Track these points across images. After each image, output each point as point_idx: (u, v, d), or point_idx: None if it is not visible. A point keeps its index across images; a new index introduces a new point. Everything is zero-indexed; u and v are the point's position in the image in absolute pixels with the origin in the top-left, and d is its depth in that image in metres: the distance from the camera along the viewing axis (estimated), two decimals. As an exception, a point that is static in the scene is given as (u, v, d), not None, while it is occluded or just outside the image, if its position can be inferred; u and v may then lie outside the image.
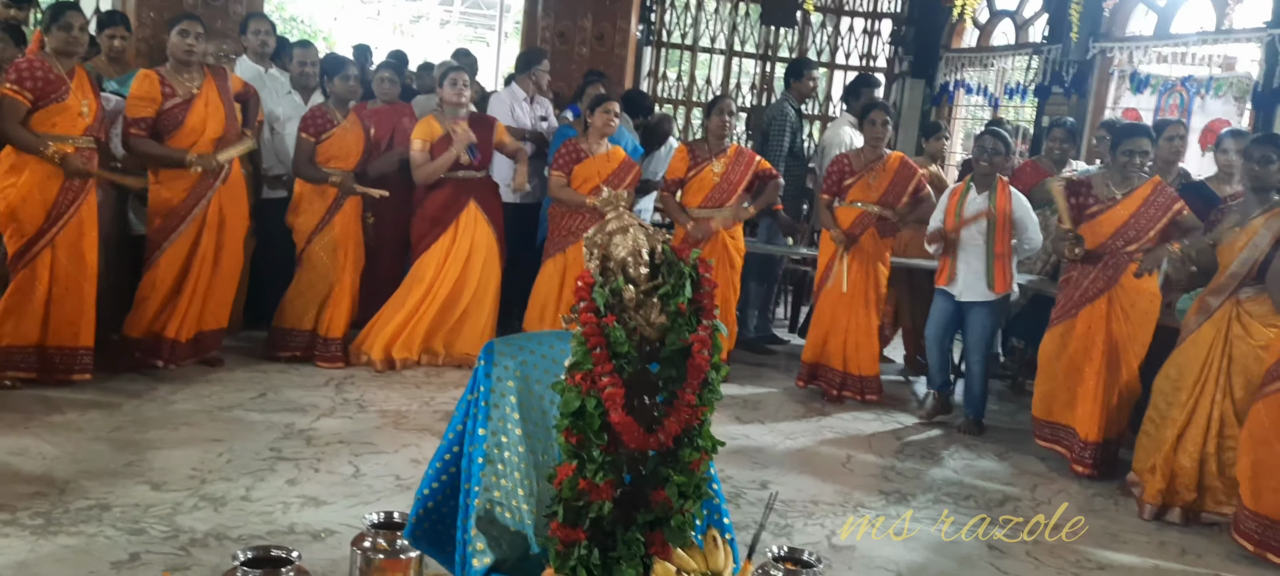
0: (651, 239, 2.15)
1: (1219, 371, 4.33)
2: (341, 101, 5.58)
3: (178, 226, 5.01)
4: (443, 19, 20.38)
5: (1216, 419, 4.32)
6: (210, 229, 5.08)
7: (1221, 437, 4.32)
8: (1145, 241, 4.84)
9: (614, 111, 5.83)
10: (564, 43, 8.54)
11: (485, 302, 5.80)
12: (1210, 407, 4.34)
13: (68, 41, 4.59)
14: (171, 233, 5.00)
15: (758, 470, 4.59)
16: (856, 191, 5.81)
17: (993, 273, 5.43)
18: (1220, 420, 4.32)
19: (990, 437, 5.47)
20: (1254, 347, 4.24)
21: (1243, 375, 4.26)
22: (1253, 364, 4.22)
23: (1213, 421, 4.33)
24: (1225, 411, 4.31)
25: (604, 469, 2.05)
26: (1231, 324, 4.32)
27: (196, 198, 5.02)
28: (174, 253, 5.02)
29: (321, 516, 3.61)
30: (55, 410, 4.41)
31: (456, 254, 5.68)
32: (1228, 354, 4.31)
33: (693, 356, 2.09)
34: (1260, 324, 4.25)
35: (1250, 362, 4.24)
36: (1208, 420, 4.34)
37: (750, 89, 9.55)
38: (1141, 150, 4.87)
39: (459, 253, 5.69)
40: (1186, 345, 4.47)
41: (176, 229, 5.00)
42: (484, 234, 5.74)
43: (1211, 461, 4.35)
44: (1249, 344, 4.27)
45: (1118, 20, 7.72)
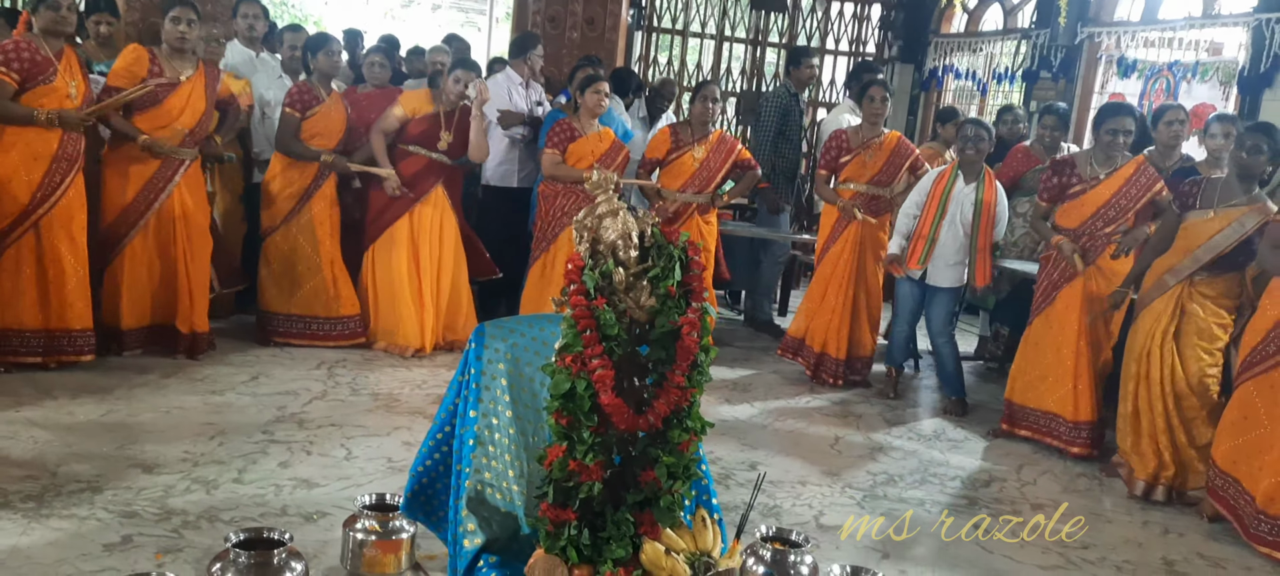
0: (641, 222, 2.17)
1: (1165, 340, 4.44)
2: (325, 77, 5.57)
3: (144, 212, 4.98)
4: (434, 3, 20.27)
5: (1167, 377, 4.44)
6: (179, 221, 5.05)
7: (1181, 411, 4.43)
8: (1124, 221, 4.88)
9: (604, 91, 5.85)
10: (555, 27, 8.53)
11: (463, 283, 5.86)
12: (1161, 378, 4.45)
13: (56, 21, 4.57)
14: (138, 220, 4.97)
15: (747, 451, 4.62)
16: (852, 169, 5.83)
17: (974, 266, 5.46)
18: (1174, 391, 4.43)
19: (975, 418, 5.52)
20: (1207, 319, 4.36)
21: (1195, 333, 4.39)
22: (1206, 326, 4.36)
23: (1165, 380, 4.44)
24: (1175, 367, 4.42)
25: (594, 450, 2.08)
26: (1183, 300, 4.42)
27: (156, 190, 4.99)
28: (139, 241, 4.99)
29: (314, 498, 3.64)
30: (46, 394, 4.42)
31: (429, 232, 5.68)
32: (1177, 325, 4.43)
33: (682, 338, 2.11)
34: (1212, 302, 4.36)
35: (1202, 323, 4.37)
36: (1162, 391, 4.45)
37: (741, 74, 9.56)
38: (1125, 129, 4.89)
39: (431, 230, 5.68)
40: (1141, 317, 4.55)
41: (141, 217, 4.98)
42: (451, 218, 5.77)
43: (1179, 433, 4.43)
44: (1202, 309, 4.38)
45: (1105, 5, 7.76)
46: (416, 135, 5.59)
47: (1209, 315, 4.39)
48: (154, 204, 4.99)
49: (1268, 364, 3.98)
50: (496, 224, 6.48)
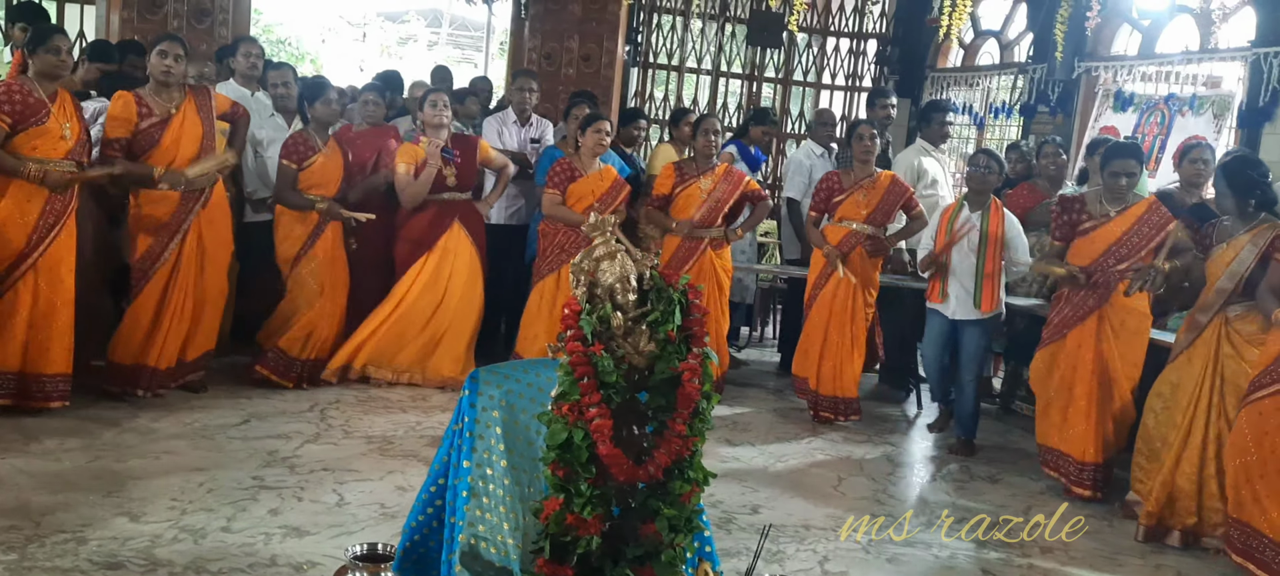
0: (640, 265, 2.11)
1: (1212, 391, 4.30)
2: (322, 127, 5.53)
3: (162, 252, 4.94)
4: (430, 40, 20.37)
5: (1212, 440, 4.29)
6: (190, 253, 5.01)
7: (1220, 460, 4.29)
8: (1137, 260, 4.82)
9: (605, 131, 5.82)
10: (550, 64, 8.51)
11: (466, 324, 5.76)
12: (1205, 429, 4.31)
13: (54, 65, 4.54)
14: (157, 259, 4.94)
15: (748, 493, 4.53)
16: (847, 208, 5.78)
17: (981, 292, 5.41)
18: (1217, 441, 4.29)
19: (982, 458, 5.43)
20: (1243, 367, 4.22)
21: (1234, 395, 4.23)
22: (1244, 382, 4.20)
23: (1209, 443, 4.30)
24: (1221, 432, 4.28)
25: (592, 502, 2.00)
26: (1221, 343, 4.30)
27: (178, 222, 4.95)
28: (157, 281, 4.95)
29: (304, 547, 3.54)
30: (33, 439, 4.33)
31: (438, 273, 5.64)
32: (1219, 374, 4.29)
33: (683, 385, 2.04)
34: (1249, 343, 4.24)
35: (1241, 381, 4.21)
36: (1203, 442, 4.31)
37: (737, 109, 9.54)
38: (1129, 172, 4.84)
39: (441, 272, 5.65)
40: (1178, 364, 4.45)
41: (161, 255, 4.94)
42: (466, 255, 5.70)
43: (1211, 483, 4.31)
44: (1239, 364, 4.25)
45: (1102, 39, 7.74)
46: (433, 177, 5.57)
47: (1246, 360, 4.25)
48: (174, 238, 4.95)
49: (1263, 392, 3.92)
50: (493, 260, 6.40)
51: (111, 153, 4.85)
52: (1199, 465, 4.30)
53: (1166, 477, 4.35)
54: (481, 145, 5.86)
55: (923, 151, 6.84)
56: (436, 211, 5.63)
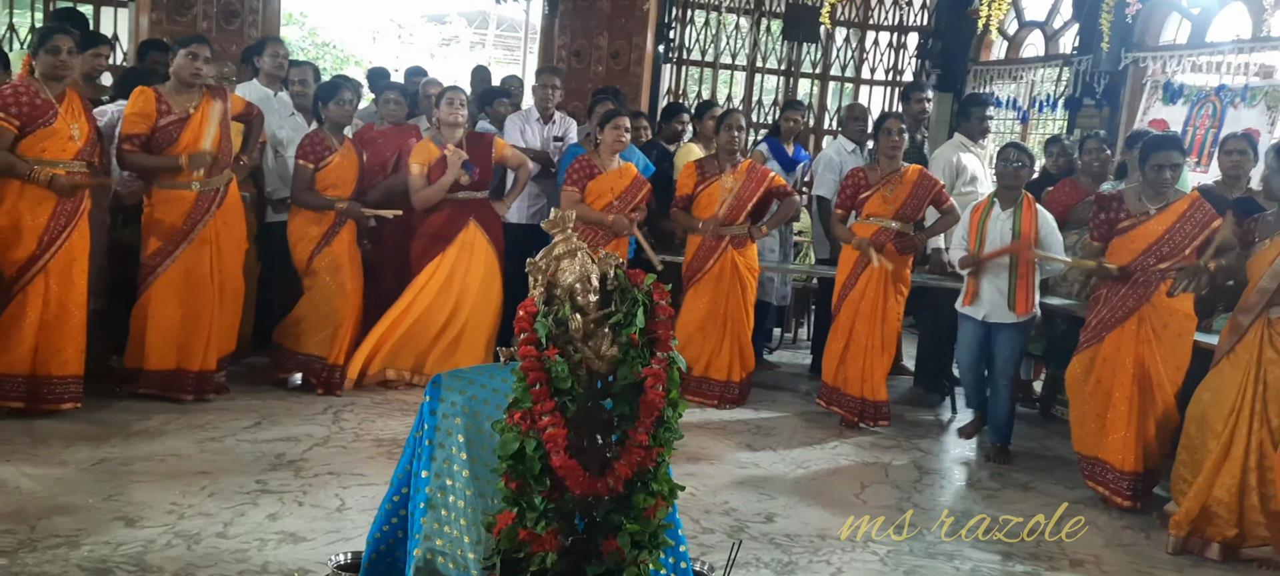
0: (603, 264, 1.97)
1: (1254, 398, 4.05)
2: (337, 126, 5.46)
3: (173, 251, 4.91)
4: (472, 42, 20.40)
5: (1254, 449, 4.04)
6: (206, 254, 4.97)
7: (1261, 470, 4.04)
8: (1180, 259, 4.57)
9: (624, 127, 5.70)
10: (579, 61, 8.41)
11: (484, 323, 5.65)
12: (1248, 437, 4.06)
13: (56, 65, 4.52)
14: (166, 257, 4.91)
15: (764, 500, 4.37)
16: (873, 204, 5.57)
17: (1015, 293, 5.18)
18: (1259, 450, 4.04)
19: (1017, 465, 5.21)
20: None
21: (1278, 402, 3.98)
22: None
23: (1251, 452, 4.05)
24: (1263, 441, 4.03)
25: (546, 517, 1.87)
26: (1264, 347, 4.05)
27: (192, 222, 4.92)
28: (169, 278, 4.92)
29: (298, 554, 3.46)
30: (41, 442, 4.31)
31: (454, 272, 5.55)
32: (1262, 379, 4.04)
33: (645, 392, 1.90)
34: None
35: None
36: (1245, 451, 4.06)
37: (773, 105, 9.36)
38: (1171, 164, 4.59)
39: (456, 271, 5.55)
40: (1220, 368, 4.21)
41: (172, 254, 4.91)
42: (483, 253, 5.60)
43: (1252, 494, 4.06)
44: None
45: (1150, 29, 7.44)
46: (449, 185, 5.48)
47: None
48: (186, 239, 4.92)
49: None
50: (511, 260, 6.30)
51: (130, 148, 4.84)
52: (1240, 475, 4.05)
53: (1202, 488, 4.10)
54: (498, 143, 5.77)
55: (961, 147, 6.60)
56: (452, 210, 5.54)
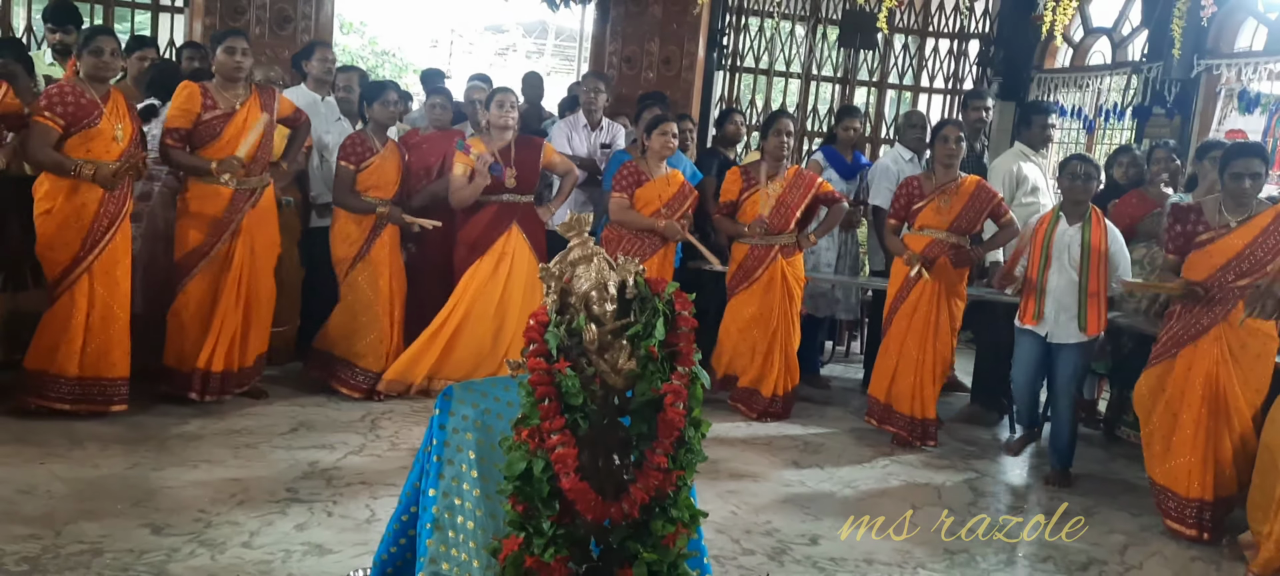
0: (621, 271, 1.83)
1: None
2: (380, 127, 5.40)
3: (208, 252, 4.88)
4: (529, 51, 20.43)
5: None
6: (239, 255, 4.93)
7: None
8: (1261, 275, 4.29)
9: (671, 132, 5.57)
10: (631, 67, 8.29)
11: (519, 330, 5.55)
12: None
13: (99, 66, 4.52)
14: (201, 258, 4.88)
15: (810, 521, 4.19)
16: (927, 215, 5.34)
17: (1086, 313, 4.94)
18: None
19: (1078, 489, 4.95)
20: None
21: None
22: None
23: None
24: None
25: (555, 543, 1.73)
26: None
27: (225, 223, 4.88)
28: (202, 280, 4.89)
29: (324, 566, 3.36)
30: (76, 444, 4.29)
31: (495, 277, 5.44)
32: None
33: (665, 410, 1.75)
34: None
35: None
36: None
37: (828, 113, 9.15)
38: (1253, 173, 4.32)
39: (498, 276, 5.45)
40: None
41: (206, 255, 4.88)
42: (525, 259, 5.48)
43: None
44: None
45: (1225, 35, 7.12)
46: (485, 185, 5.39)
47: None
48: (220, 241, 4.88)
49: None
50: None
51: (172, 143, 4.82)
52: None
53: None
54: (546, 149, 5.66)
55: (1021, 156, 6.35)
56: (495, 214, 5.44)
